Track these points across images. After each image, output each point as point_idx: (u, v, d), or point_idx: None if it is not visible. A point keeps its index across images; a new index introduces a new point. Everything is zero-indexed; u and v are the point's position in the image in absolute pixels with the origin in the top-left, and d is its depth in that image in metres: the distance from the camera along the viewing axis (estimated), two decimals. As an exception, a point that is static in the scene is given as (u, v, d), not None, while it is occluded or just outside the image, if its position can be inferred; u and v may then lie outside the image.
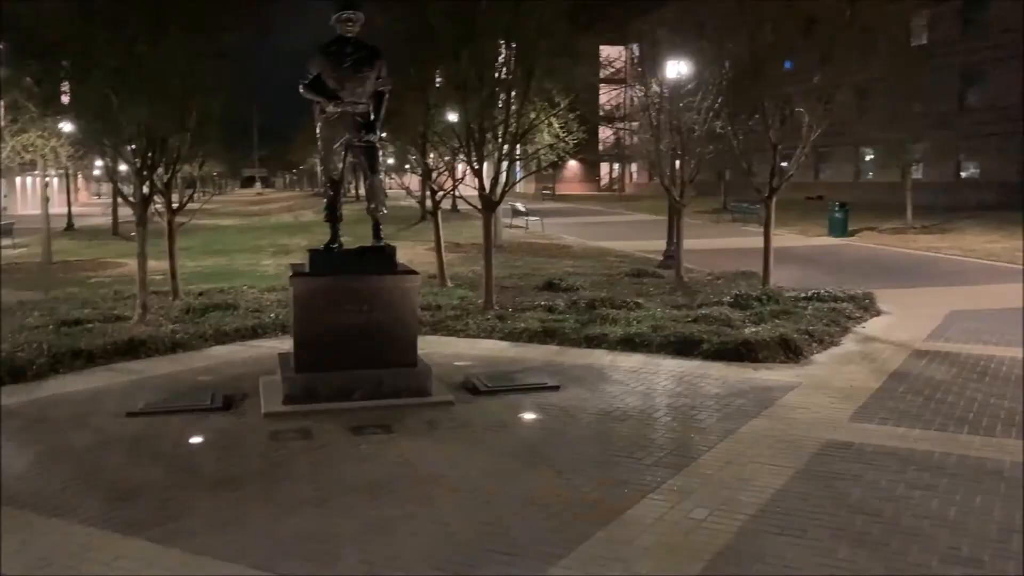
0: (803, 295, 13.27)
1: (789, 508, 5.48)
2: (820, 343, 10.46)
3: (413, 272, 8.61)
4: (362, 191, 11.57)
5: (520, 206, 34.63)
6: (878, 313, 12.90)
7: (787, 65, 15.07)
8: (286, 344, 9.37)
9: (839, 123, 20.01)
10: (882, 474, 6.12)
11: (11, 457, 6.63)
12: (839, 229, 28.52)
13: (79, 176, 53.45)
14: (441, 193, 16.85)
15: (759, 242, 15.58)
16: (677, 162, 16.02)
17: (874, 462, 6.37)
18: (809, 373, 9.23)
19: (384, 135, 12.96)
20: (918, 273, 18.61)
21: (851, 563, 4.74)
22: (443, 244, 16.87)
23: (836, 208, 29.28)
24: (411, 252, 21.22)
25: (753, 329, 10.64)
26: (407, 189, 23.07)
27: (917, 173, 35.75)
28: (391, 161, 27.34)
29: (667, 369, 9.41)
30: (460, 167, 15.85)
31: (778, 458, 6.46)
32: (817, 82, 14.48)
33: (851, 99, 39.42)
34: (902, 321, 12.36)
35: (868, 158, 46.22)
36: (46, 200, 23.85)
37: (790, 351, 9.86)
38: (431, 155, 16.18)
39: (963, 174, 42.17)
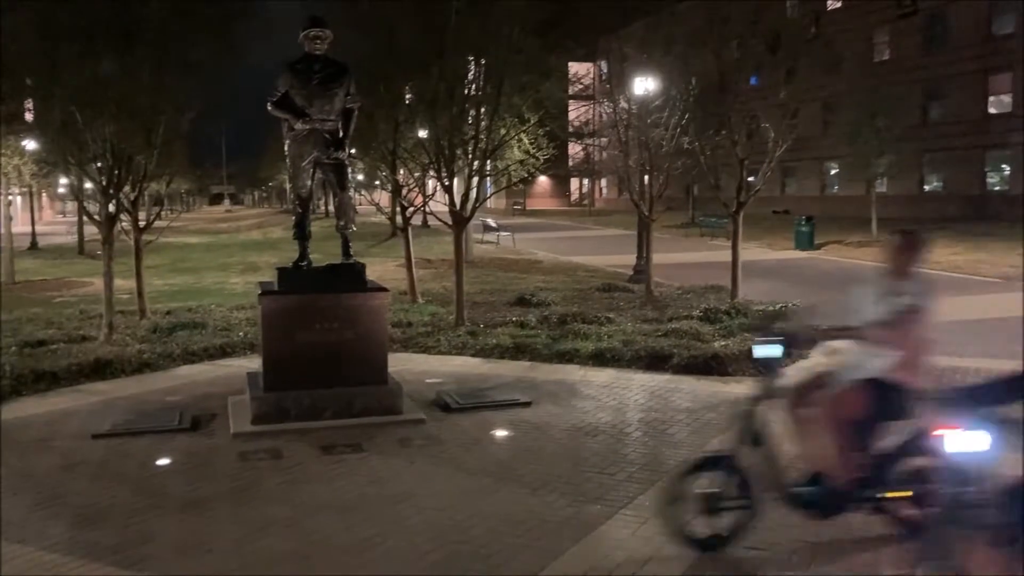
0: (771, 308, 13.38)
1: (762, 523, 5.49)
2: (788, 356, 10.51)
3: (383, 289, 8.58)
4: (331, 208, 11.56)
5: (491, 221, 34.69)
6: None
7: (753, 81, 15.26)
8: (255, 363, 9.27)
9: (804, 138, 20.30)
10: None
11: (-27, 482, 6.50)
12: (805, 242, 28.85)
13: (43, 194, 52.81)
14: (411, 209, 16.83)
15: (727, 256, 15.72)
16: (646, 177, 16.14)
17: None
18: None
19: (353, 152, 12.96)
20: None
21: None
22: (414, 260, 16.83)
23: (802, 222, 29.63)
24: (381, 268, 21.17)
25: (723, 343, 10.70)
26: (377, 205, 23.05)
27: (881, 186, 36.34)
28: (360, 177, 27.30)
29: (638, 383, 9.44)
30: (430, 183, 15.87)
31: (749, 471, 6.48)
32: (783, 97, 14.69)
33: (816, 114, 40.36)
34: (869, 333, 12.46)
35: (833, 172, 46.91)
36: (8, 219, 23.53)
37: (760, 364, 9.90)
38: (401, 171, 16.17)
39: (926, 187, 42.94)
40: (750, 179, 14.81)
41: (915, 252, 5.26)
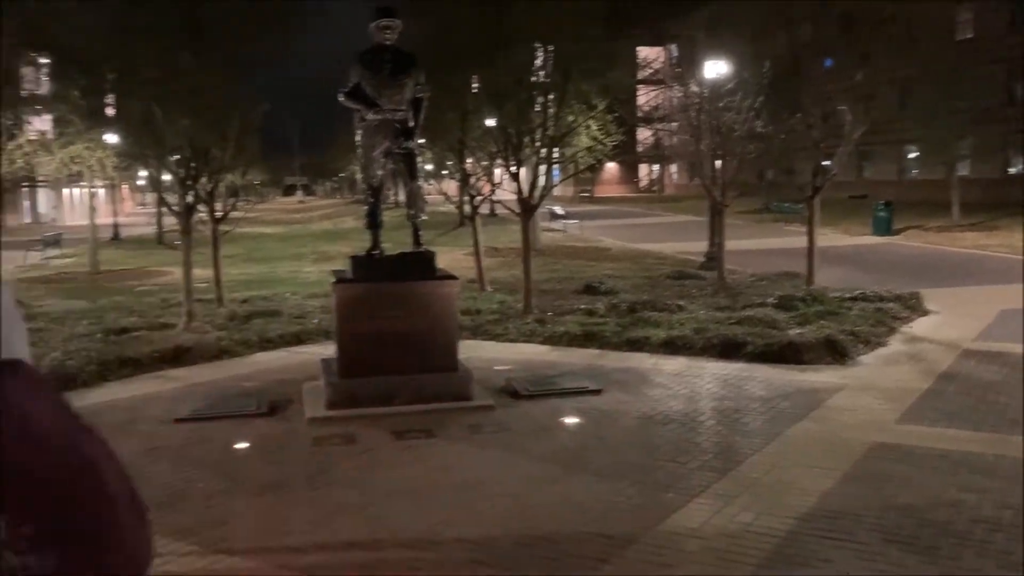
0: (848, 295, 13.06)
1: (837, 511, 5.39)
2: (866, 344, 10.29)
3: (453, 277, 8.63)
4: (401, 197, 11.69)
5: (558, 209, 34.57)
6: (925, 313, 12.67)
7: (827, 63, 14.88)
8: (329, 350, 9.44)
9: (882, 120, 19.74)
10: (932, 477, 6.00)
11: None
12: (883, 228, 28.08)
13: (124, 187, 54.54)
14: (479, 198, 16.89)
15: (802, 242, 15.40)
16: (718, 162, 15.89)
17: (924, 465, 6.25)
18: (855, 374, 9.09)
19: (422, 141, 13.06)
20: (966, 272, 18.25)
21: (901, 567, 4.65)
22: (481, 249, 16.90)
23: (880, 207, 28.83)
24: (450, 257, 21.30)
25: (798, 330, 10.50)
26: (445, 195, 23.17)
27: (963, 169, 35.14)
28: (429, 167, 27.49)
29: (711, 372, 9.33)
30: (498, 172, 15.89)
31: (825, 461, 6.36)
32: (858, 80, 14.31)
33: (893, 96, 39.11)
34: (950, 321, 12.13)
35: (912, 155, 45.48)
36: (92, 211, 24.34)
37: (836, 352, 9.71)
38: (468, 160, 16.23)
39: (1011, 170, 41.30)
40: (825, 163, 14.48)
41: None
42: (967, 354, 9.93)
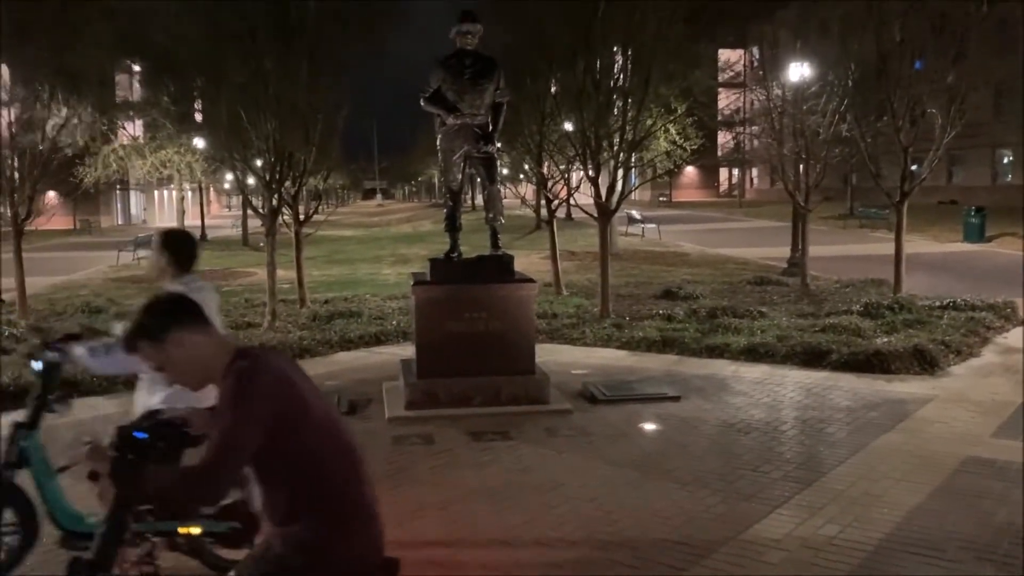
0: (937, 304, 12.64)
1: (927, 527, 5.20)
2: (957, 354, 9.93)
3: (530, 280, 8.63)
4: (480, 201, 11.76)
5: (636, 213, 34.31)
6: (1021, 323, 12.17)
7: (917, 65, 14.40)
8: (407, 351, 9.55)
9: (974, 124, 19.01)
10: (1030, 494, 5.74)
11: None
12: (975, 234, 27.07)
13: (211, 189, 56.18)
14: (556, 202, 16.88)
15: (889, 249, 14.97)
16: (801, 166, 15.55)
17: (1020, 481, 5.98)
18: (946, 385, 8.78)
19: (500, 145, 13.12)
20: (1064, 280, 17.45)
21: (998, 588, 4.46)
22: (558, 252, 16.89)
23: (972, 212, 27.81)
24: (527, 261, 21.33)
25: (885, 339, 10.19)
26: (522, 198, 23.22)
27: (1061, 174, 33.67)
28: (506, 171, 27.60)
29: (793, 380, 9.12)
30: (575, 175, 15.86)
31: (914, 474, 6.15)
32: (950, 81, 13.82)
33: (988, 98, 37.75)
34: (1048, 331, 11.61)
35: (1006, 160, 43.82)
36: (181, 212, 25.15)
37: (925, 362, 9.39)
38: (546, 164, 16.24)
39: (1114, 175, 39.44)
40: (914, 168, 14.04)
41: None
42: (1067, 367, 9.49)
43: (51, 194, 26.46)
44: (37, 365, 4.41)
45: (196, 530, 4.38)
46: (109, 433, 2.92)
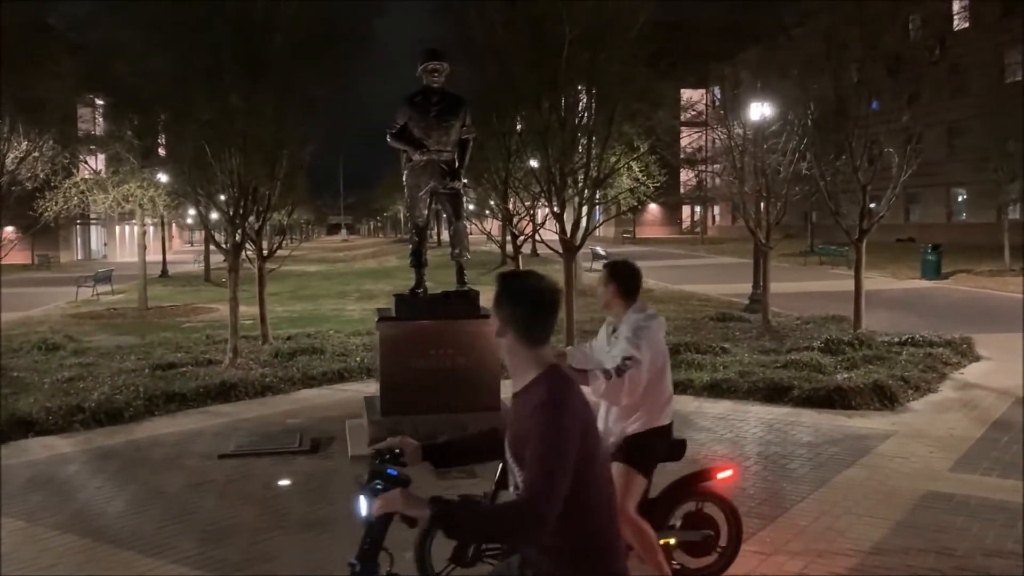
0: (896, 340, 12.84)
1: (889, 563, 5.25)
2: (916, 390, 10.08)
3: (497, 316, 8.62)
4: (445, 237, 11.85)
5: (600, 249, 34.54)
6: (977, 359, 12.39)
7: (873, 106, 14.76)
8: (371, 388, 9.48)
9: (930, 163, 19.48)
10: (988, 528, 5.81)
11: (111, 497, 6.85)
12: (932, 271, 27.61)
13: (173, 224, 55.66)
14: (522, 238, 16.96)
15: (848, 285, 15.19)
16: (762, 204, 15.80)
17: (979, 515, 6.06)
18: (905, 421, 8.90)
19: (466, 182, 13.18)
20: (1018, 317, 17.81)
21: (959, 622, 4.50)
22: (525, 289, 16.91)
23: (928, 250, 28.38)
24: (493, 296, 21.32)
25: (845, 375, 10.32)
26: (488, 234, 23.29)
27: (1014, 213, 34.54)
28: (472, 207, 27.69)
29: (756, 416, 9.19)
30: (540, 211, 15.97)
31: (875, 509, 6.21)
32: (905, 122, 14.17)
33: (942, 138, 38.77)
34: (1003, 367, 11.84)
35: (961, 198, 44.88)
36: (143, 248, 24.85)
37: (885, 398, 9.53)
38: (512, 200, 16.34)
39: (1064, 214, 40.50)
40: (872, 206, 14.32)
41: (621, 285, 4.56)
42: (1021, 402, 9.67)
43: (8, 229, 26.07)
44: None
45: (672, 540, 4.70)
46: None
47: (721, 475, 4.87)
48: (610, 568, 2.52)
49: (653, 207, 66.28)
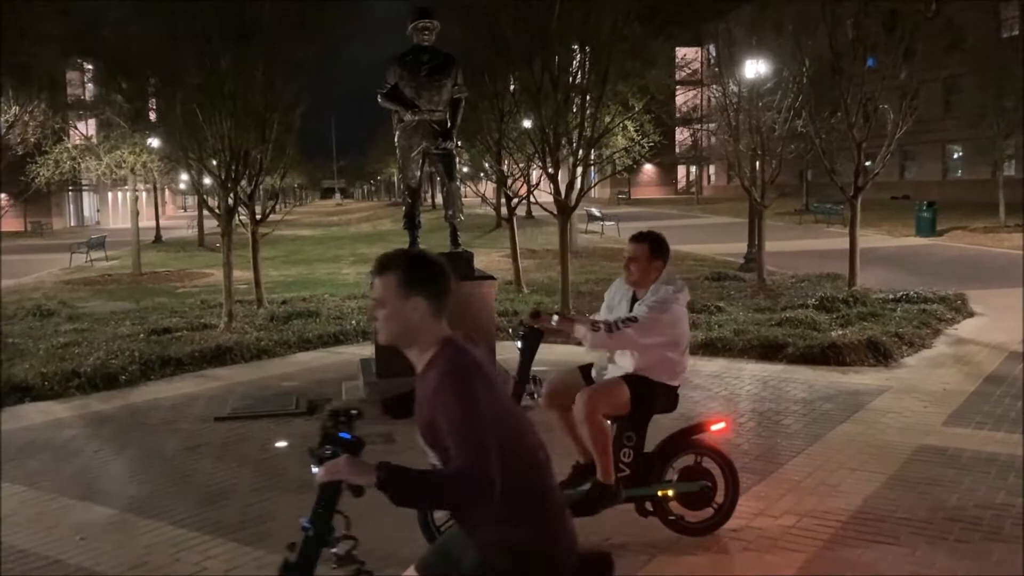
0: (891, 297, 12.89)
1: (881, 515, 5.30)
2: (910, 346, 10.13)
3: (490, 278, 8.63)
4: (439, 199, 11.81)
5: (595, 211, 34.47)
6: (971, 315, 12.44)
7: (869, 62, 14.64)
8: (367, 350, 9.50)
9: (925, 120, 19.38)
10: (980, 480, 5.87)
11: (107, 461, 6.88)
12: (927, 229, 27.64)
13: (166, 190, 55.41)
14: (516, 200, 16.89)
15: (843, 243, 15.20)
16: (757, 163, 15.74)
17: (971, 468, 6.11)
18: (899, 376, 8.94)
19: (460, 143, 13.08)
20: (1012, 273, 17.85)
21: (950, 573, 4.55)
22: (519, 250, 16.90)
23: (923, 207, 28.38)
24: (487, 259, 21.33)
25: (840, 332, 10.36)
26: (483, 196, 23.19)
27: (1009, 169, 34.47)
28: (466, 169, 27.55)
29: (750, 373, 9.23)
30: (535, 173, 15.90)
31: (868, 464, 6.26)
32: (901, 78, 14.08)
33: (938, 94, 38.50)
34: (996, 323, 11.89)
35: (956, 155, 44.74)
36: (135, 214, 24.75)
37: (879, 354, 9.57)
38: (506, 162, 16.24)
39: (1060, 170, 40.41)
40: (868, 163, 14.27)
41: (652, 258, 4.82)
42: (1014, 356, 9.72)
43: (2, 195, 25.91)
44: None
45: (670, 492, 4.86)
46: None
47: (714, 427, 4.96)
48: (555, 532, 2.51)
49: (648, 167, 66.13)
